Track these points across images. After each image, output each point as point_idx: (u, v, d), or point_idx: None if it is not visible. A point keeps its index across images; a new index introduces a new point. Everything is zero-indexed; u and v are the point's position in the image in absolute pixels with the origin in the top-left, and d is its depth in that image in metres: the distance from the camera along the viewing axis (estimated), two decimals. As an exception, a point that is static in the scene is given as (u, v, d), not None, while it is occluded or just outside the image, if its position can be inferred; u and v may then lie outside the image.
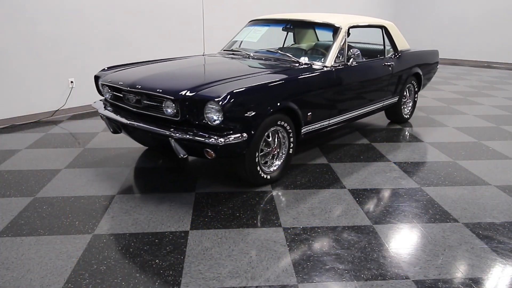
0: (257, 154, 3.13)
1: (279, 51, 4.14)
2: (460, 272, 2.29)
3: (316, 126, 3.68)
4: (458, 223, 2.83)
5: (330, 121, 3.84)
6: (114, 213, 2.87)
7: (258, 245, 2.51)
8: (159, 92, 3.00)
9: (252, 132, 2.97)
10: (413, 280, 2.20)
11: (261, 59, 3.96)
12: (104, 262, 2.31)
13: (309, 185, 3.39)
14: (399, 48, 4.87)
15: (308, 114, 3.50)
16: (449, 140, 4.72)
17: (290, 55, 3.92)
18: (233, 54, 4.23)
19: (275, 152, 3.38)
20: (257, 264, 2.32)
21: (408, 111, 5.38)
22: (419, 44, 12.63)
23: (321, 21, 4.17)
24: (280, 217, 2.86)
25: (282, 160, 3.42)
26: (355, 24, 4.16)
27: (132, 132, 3.30)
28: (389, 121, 5.45)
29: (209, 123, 2.83)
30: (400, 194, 3.26)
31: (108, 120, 3.44)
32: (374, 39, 5.25)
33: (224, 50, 4.43)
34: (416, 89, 5.32)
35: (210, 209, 2.94)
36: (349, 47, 4.15)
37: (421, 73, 5.24)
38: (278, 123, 3.23)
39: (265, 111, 3.04)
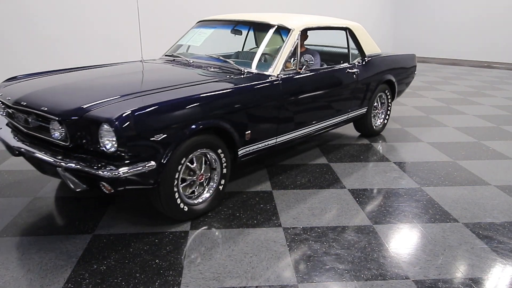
0: (175, 184, 2.58)
1: (221, 57, 3.55)
2: (460, 272, 2.29)
3: (260, 146, 3.14)
4: (458, 223, 2.83)
5: (278, 140, 3.30)
6: (115, 213, 2.87)
7: (258, 245, 2.51)
8: (44, 110, 2.45)
9: (163, 161, 2.43)
10: (413, 280, 2.20)
11: (200, 67, 3.39)
12: (104, 262, 2.31)
13: (309, 185, 3.39)
14: (367, 53, 4.33)
15: (247, 133, 2.95)
16: (449, 140, 4.72)
17: (232, 62, 3.38)
18: (173, 60, 3.69)
19: (203, 179, 2.83)
20: (257, 264, 2.32)
21: (379, 123, 4.78)
22: (419, 44, 12.66)
23: (269, 22, 3.57)
24: (280, 217, 2.86)
25: (213, 189, 2.87)
26: (310, 26, 3.66)
27: (25, 156, 2.67)
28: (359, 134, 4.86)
29: (105, 150, 2.30)
30: (400, 194, 3.26)
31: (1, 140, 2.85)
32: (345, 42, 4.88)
33: (165, 55, 3.88)
34: (389, 99, 4.76)
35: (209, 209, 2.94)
36: (305, 52, 3.84)
37: (394, 80, 4.68)
38: (203, 146, 2.69)
39: (181, 134, 2.49)
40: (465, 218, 2.89)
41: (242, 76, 3.17)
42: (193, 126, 2.55)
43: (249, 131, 2.98)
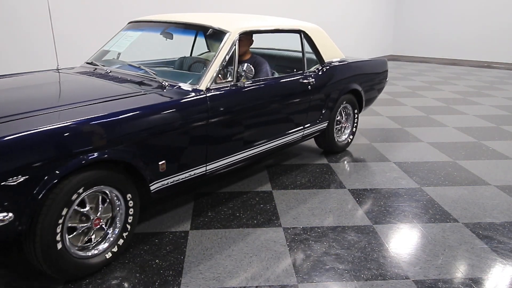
0: (57, 233, 1.98)
1: (141, 67, 2.93)
2: (460, 272, 2.29)
3: (182, 177, 2.55)
4: (458, 223, 2.83)
5: (209, 167, 2.73)
6: (114, 213, 2.87)
7: (258, 245, 2.51)
8: None
9: (28, 209, 1.85)
10: (413, 280, 2.20)
11: (116, 79, 2.79)
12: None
13: (309, 185, 3.39)
14: (327, 59, 3.77)
15: (161, 163, 2.38)
16: (449, 140, 4.72)
17: (153, 73, 2.79)
18: (94, 69, 3.06)
19: (102, 223, 2.23)
20: (257, 264, 2.32)
21: (344, 138, 4.17)
22: (419, 44, 12.67)
23: (203, 24, 3.07)
24: (280, 217, 2.86)
25: (114, 236, 2.27)
26: (253, 29, 3.10)
27: None
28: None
29: None
30: (400, 194, 3.26)
31: None
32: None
33: (86, 63, 3.25)
34: (355, 110, 4.19)
35: (210, 209, 2.94)
36: (250, 60, 3.34)
37: (360, 89, 4.11)
38: (94, 184, 2.08)
39: (52, 174, 1.88)
40: (465, 218, 2.89)
41: (163, 90, 2.59)
42: (82, 159, 1.97)
43: (164, 161, 2.39)
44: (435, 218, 2.89)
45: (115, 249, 2.26)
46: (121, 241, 2.29)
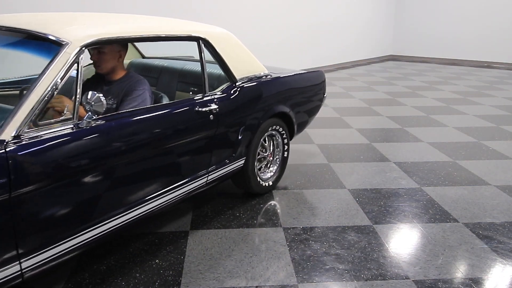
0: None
1: None
2: (460, 272, 2.29)
3: None
4: (458, 223, 2.83)
5: (26, 264, 1.70)
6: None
7: (258, 245, 2.51)
8: None
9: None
10: (413, 280, 2.21)
11: None
12: (104, 262, 2.31)
13: (309, 185, 3.39)
14: (240, 75, 2.83)
15: None
16: (449, 140, 4.72)
17: None
18: None
19: None
20: (257, 264, 2.32)
21: (270, 175, 3.22)
22: (419, 44, 12.66)
23: (37, 32, 1.98)
24: (280, 217, 2.86)
25: None
26: (107, 37, 2.04)
27: None
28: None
29: None
30: (400, 194, 3.26)
31: None
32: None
33: None
34: (285, 138, 3.26)
35: (210, 209, 2.94)
36: (123, 80, 2.47)
37: (289, 112, 3.19)
38: None
39: None
40: (465, 218, 2.89)
41: None
42: None
43: None
44: (435, 218, 2.89)
45: None
46: None
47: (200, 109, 2.45)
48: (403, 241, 2.61)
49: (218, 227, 2.71)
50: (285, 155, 3.31)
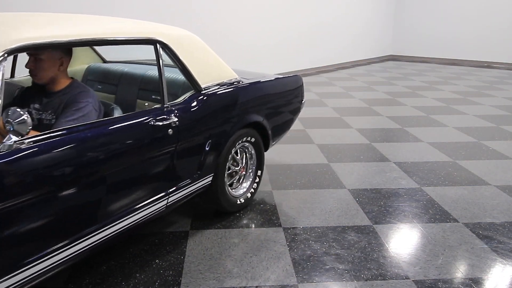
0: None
1: None
2: (460, 272, 2.29)
3: None
4: (458, 223, 2.83)
5: None
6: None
7: (258, 245, 2.51)
8: None
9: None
10: (413, 280, 2.21)
11: None
12: (104, 262, 2.31)
13: (309, 185, 3.39)
14: (205, 82, 2.51)
15: None
16: (449, 140, 4.72)
17: None
18: None
19: None
20: (257, 264, 2.32)
21: (243, 191, 2.93)
22: (419, 44, 12.66)
23: None
24: (280, 217, 2.86)
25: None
26: (42, 42, 1.72)
27: None
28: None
29: None
30: (400, 194, 3.26)
31: None
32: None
33: None
34: (258, 150, 2.98)
35: (210, 209, 2.94)
36: (65, 92, 2.15)
37: (263, 121, 2.91)
38: None
39: None
40: (465, 218, 2.89)
41: None
42: None
43: None
44: (435, 218, 2.89)
45: None
46: None
47: (156, 123, 2.12)
48: (403, 241, 2.61)
49: (218, 227, 2.71)
50: (260, 168, 3.03)
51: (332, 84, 8.24)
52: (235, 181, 2.92)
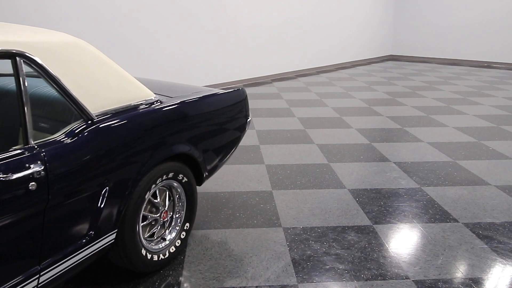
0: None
1: None
2: (460, 272, 2.29)
3: None
4: (458, 223, 2.83)
5: None
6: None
7: (258, 245, 2.51)
8: None
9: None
10: (413, 280, 2.21)
11: None
12: (104, 262, 2.31)
13: (309, 185, 3.39)
14: (97, 108, 1.87)
15: None
16: (449, 140, 4.72)
17: None
18: None
19: None
20: (257, 264, 2.32)
21: (166, 244, 2.28)
22: (419, 44, 12.66)
23: None
24: (280, 217, 2.86)
25: None
26: None
27: None
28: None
29: None
30: (400, 194, 3.26)
31: None
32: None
33: None
34: (188, 191, 2.37)
35: (210, 209, 2.94)
36: None
37: (190, 151, 2.30)
38: None
39: None
40: (465, 218, 2.89)
41: None
42: None
43: None
44: (435, 218, 2.89)
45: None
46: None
47: (7, 175, 1.45)
48: (403, 241, 2.61)
49: (218, 227, 2.71)
50: (189, 220, 2.40)
51: (332, 84, 8.23)
52: (156, 230, 2.26)
